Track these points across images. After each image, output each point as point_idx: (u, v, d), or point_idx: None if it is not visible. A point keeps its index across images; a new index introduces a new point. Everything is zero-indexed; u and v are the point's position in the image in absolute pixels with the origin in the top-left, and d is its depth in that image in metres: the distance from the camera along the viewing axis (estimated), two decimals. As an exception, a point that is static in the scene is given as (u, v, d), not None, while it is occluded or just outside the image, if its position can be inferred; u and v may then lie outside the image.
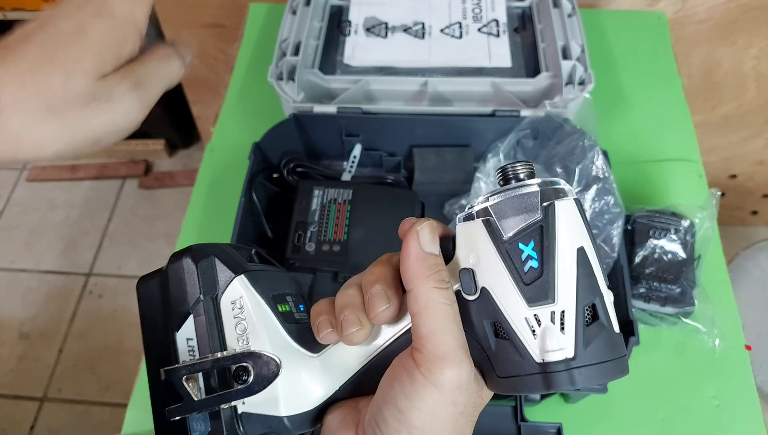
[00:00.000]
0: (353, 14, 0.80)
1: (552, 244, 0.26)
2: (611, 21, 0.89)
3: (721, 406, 0.60)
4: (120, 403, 1.37)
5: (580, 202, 0.28)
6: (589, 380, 0.26)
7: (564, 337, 0.26)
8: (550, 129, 0.67)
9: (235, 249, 0.35)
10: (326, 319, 0.31)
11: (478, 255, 0.28)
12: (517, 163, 0.29)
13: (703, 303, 0.61)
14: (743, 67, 1.05)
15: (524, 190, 0.27)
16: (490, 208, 0.28)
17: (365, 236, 0.63)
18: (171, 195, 1.69)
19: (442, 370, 0.27)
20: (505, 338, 0.27)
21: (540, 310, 0.26)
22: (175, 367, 0.30)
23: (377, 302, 0.29)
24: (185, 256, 0.32)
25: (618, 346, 0.27)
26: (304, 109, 0.68)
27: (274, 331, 0.32)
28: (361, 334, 0.30)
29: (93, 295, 1.54)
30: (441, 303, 0.28)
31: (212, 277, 0.32)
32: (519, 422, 0.55)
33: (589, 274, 0.27)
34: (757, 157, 1.25)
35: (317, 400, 0.32)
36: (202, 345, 0.31)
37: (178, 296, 0.32)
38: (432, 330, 0.27)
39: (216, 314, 0.32)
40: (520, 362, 0.27)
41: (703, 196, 0.66)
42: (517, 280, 0.27)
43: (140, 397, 0.62)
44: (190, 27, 1.16)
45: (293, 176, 0.69)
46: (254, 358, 0.31)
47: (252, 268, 0.34)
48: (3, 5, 1.26)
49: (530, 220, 0.27)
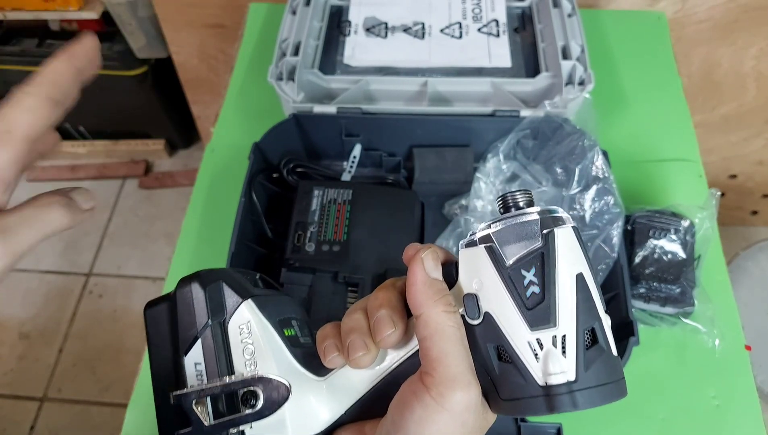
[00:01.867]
0: (353, 14, 0.80)
1: (552, 271, 0.27)
2: (611, 21, 0.89)
3: (721, 406, 0.60)
4: (120, 403, 1.37)
5: (577, 230, 0.29)
6: (591, 402, 0.27)
7: (566, 360, 0.27)
8: (550, 129, 0.67)
9: (241, 274, 0.35)
10: (332, 343, 0.32)
11: (481, 280, 0.29)
12: (516, 192, 0.30)
13: (703, 303, 0.61)
14: (743, 67, 1.05)
15: (525, 218, 0.28)
16: (492, 235, 0.29)
17: (365, 236, 0.63)
18: (171, 195, 1.69)
19: (452, 393, 0.27)
20: (509, 362, 0.28)
21: (542, 334, 0.27)
22: (185, 392, 0.31)
23: (383, 326, 0.30)
24: (193, 281, 0.33)
25: (617, 368, 0.28)
26: (304, 109, 0.68)
27: (281, 355, 0.33)
28: (367, 358, 0.30)
29: (93, 295, 1.54)
30: (450, 326, 0.28)
31: (220, 302, 0.33)
32: (519, 422, 0.55)
33: (588, 298, 0.28)
34: (757, 157, 1.25)
35: (324, 424, 0.33)
36: (210, 369, 0.32)
37: (186, 321, 0.32)
38: (443, 353, 0.28)
39: (224, 338, 0.32)
40: (523, 385, 0.28)
41: (703, 196, 0.66)
42: (519, 305, 0.28)
43: (140, 397, 0.62)
44: (190, 27, 1.16)
45: (293, 176, 0.69)
46: (264, 383, 0.31)
47: (258, 293, 0.34)
48: (3, 5, 1.26)
49: (531, 247, 0.28)
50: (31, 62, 1.43)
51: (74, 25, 1.43)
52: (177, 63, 1.27)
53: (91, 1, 1.26)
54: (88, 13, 1.26)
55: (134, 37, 1.33)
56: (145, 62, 1.43)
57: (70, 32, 1.43)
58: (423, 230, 0.68)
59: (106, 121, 1.66)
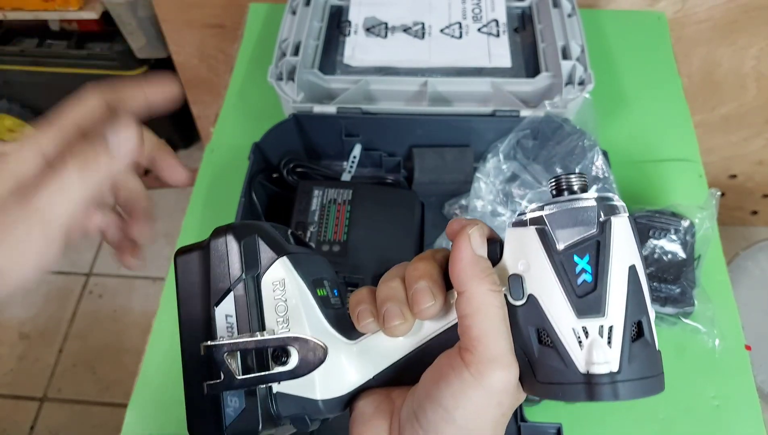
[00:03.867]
0: (353, 14, 0.80)
1: (607, 260, 0.27)
2: (611, 21, 0.89)
3: (721, 406, 0.60)
4: (120, 403, 1.37)
5: (633, 220, 0.28)
6: (632, 394, 0.27)
7: (610, 351, 0.27)
8: (550, 129, 0.67)
9: (275, 228, 0.34)
10: (367, 308, 0.31)
11: (528, 262, 0.28)
12: (571, 175, 0.29)
13: (703, 303, 0.61)
14: (743, 67, 1.05)
15: (581, 204, 0.28)
16: (545, 217, 0.28)
17: (365, 236, 0.63)
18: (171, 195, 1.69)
19: (492, 372, 0.27)
20: (550, 346, 0.28)
21: (589, 323, 0.27)
22: (218, 344, 0.30)
23: (423, 298, 0.30)
24: (228, 233, 0.32)
25: (658, 363, 0.28)
26: (304, 109, 0.68)
27: (314, 315, 0.32)
28: (403, 328, 0.30)
29: (93, 295, 1.54)
30: (494, 306, 0.28)
31: (255, 257, 0.32)
32: (519, 422, 0.55)
33: (639, 291, 0.27)
34: (757, 157, 1.25)
35: (351, 386, 0.32)
36: (242, 323, 0.31)
37: (219, 272, 0.32)
38: (485, 332, 0.28)
39: (257, 294, 0.32)
40: (563, 370, 0.27)
41: (703, 196, 0.66)
42: (568, 291, 0.27)
43: (140, 397, 0.62)
44: (190, 27, 1.16)
45: (293, 176, 0.69)
46: (300, 343, 0.30)
47: (293, 250, 0.33)
48: (3, 5, 1.26)
49: (586, 234, 0.27)
50: (31, 62, 1.43)
51: (74, 25, 1.43)
52: (177, 63, 1.27)
53: (91, 1, 1.26)
54: (88, 13, 1.26)
55: (134, 37, 1.33)
56: (145, 62, 1.43)
57: (70, 32, 1.43)
58: (423, 230, 0.68)
59: (106, 121, 1.66)
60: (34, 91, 1.55)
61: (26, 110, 1.61)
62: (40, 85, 1.50)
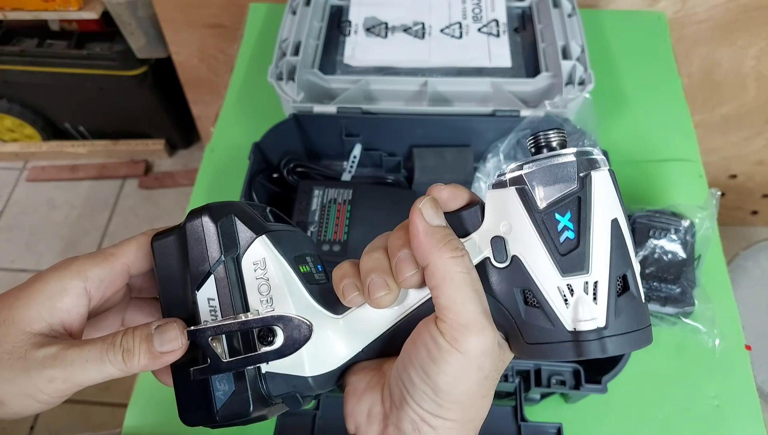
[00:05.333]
0: (353, 14, 0.80)
1: (589, 216, 0.26)
2: (611, 21, 0.89)
3: (721, 406, 0.60)
4: (120, 403, 1.37)
5: (613, 173, 0.28)
6: (620, 349, 0.27)
7: (596, 306, 0.26)
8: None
9: (252, 207, 0.34)
10: (351, 282, 0.31)
11: (510, 223, 0.28)
12: (549, 131, 0.28)
13: (703, 303, 0.61)
14: (743, 67, 1.05)
15: (560, 160, 0.27)
16: (524, 177, 0.27)
17: (365, 236, 0.63)
18: (171, 195, 1.69)
19: (466, 338, 0.27)
20: (536, 306, 0.28)
21: (574, 280, 0.27)
22: (201, 328, 0.30)
23: (405, 267, 0.30)
24: (204, 214, 0.32)
25: (645, 315, 0.28)
26: (304, 109, 0.68)
27: (298, 292, 0.32)
28: (389, 298, 0.30)
29: (93, 295, 1.54)
30: (459, 272, 0.28)
31: (233, 237, 0.32)
32: (519, 422, 0.55)
33: (622, 245, 0.27)
34: (757, 157, 1.25)
35: (340, 361, 0.32)
36: (225, 305, 0.31)
37: (197, 255, 0.31)
38: (452, 300, 0.28)
39: (238, 275, 0.31)
40: (551, 330, 0.27)
41: (703, 196, 0.66)
42: (552, 250, 0.27)
43: (140, 397, 0.62)
44: (190, 27, 1.16)
45: (293, 176, 0.69)
46: (285, 322, 0.30)
47: (272, 229, 0.33)
48: (3, 5, 1.26)
49: (566, 191, 0.27)
50: (31, 62, 1.43)
51: (74, 25, 1.43)
52: (177, 63, 1.27)
53: (91, 1, 1.26)
54: (88, 13, 1.26)
55: (134, 37, 1.33)
56: (145, 62, 1.43)
57: (70, 32, 1.44)
58: (423, 230, 0.68)
59: (106, 121, 1.66)
60: (34, 91, 1.55)
61: (26, 110, 1.62)
62: (40, 85, 1.50)
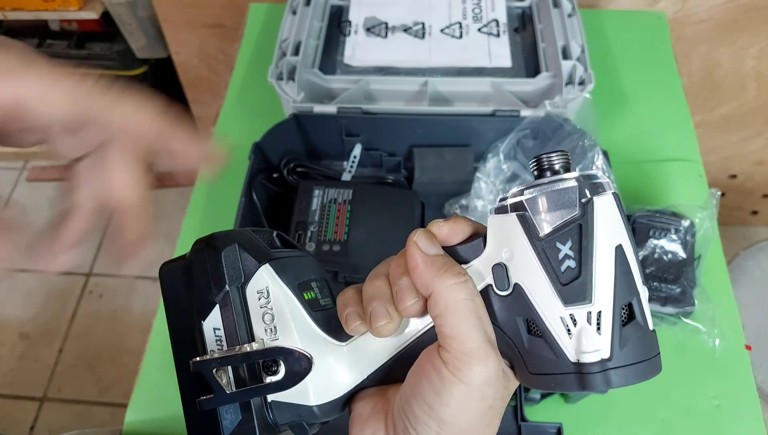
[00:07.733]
0: (353, 14, 0.80)
1: (590, 244, 0.26)
2: (611, 21, 0.89)
3: (721, 406, 0.60)
4: (120, 403, 1.37)
5: (618, 197, 0.27)
6: (625, 381, 0.26)
7: (600, 337, 0.26)
8: (550, 129, 0.67)
9: (257, 233, 0.34)
10: (354, 311, 0.31)
11: (511, 250, 0.27)
12: (552, 154, 0.27)
13: (703, 303, 0.61)
14: (743, 67, 1.05)
15: (561, 186, 0.26)
16: (525, 203, 0.27)
17: (365, 236, 0.63)
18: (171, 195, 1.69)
19: (470, 368, 0.27)
20: (538, 335, 0.27)
21: (576, 311, 0.26)
22: (206, 360, 0.30)
23: (406, 295, 0.29)
24: (208, 244, 0.32)
25: (653, 344, 0.27)
26: (304, 109, 0.68)
27: (302, 321, 0.32)
28: (390, 327, 0.30)
29: (93, 295, 1.54)
30: (462, 300, 0.28)
31: (237, 267, 0.32)
32: (519, 422, 0.55)
33: (627, 272, 0.26)
34: (757, 157, 1.25)
35: (345, 388, 0.32)
36: (230, 335, 0.31)
37: (202, 285, 0.32)
38: (456, 329, 0.27)
39: (243, 304, 0.32)
40: (554, 361, 0.26)
41: (703, 196, 0.66)
42: (553, 279, 0.26)
43: (140, 397, 0.62)
44: (190, 27, 1.16)
45: (293, 176, 0.69)
46: (285, 354, 0.30)
47: (276, 256, 0.33)
48: (3, 5, 1.26)
49: (568, 218, 0.26)
50: (31, 62, 1.43)
51: (74, 25, 1.43)
52: (177, 63, 1.27)
53: (91, 1, 1.25)
54: (88, 13, 1.26)
55: (134, 37, 1.33)
56: (145, 62, 1.43)
57: (70, 32, 1.43)
58: (423, 230, 0.68)
59: (106, 121, 1.66)
60: (34, 91, 1.55)
61: (26, 110, 1.61)
62: (40, 85, 1.50)
